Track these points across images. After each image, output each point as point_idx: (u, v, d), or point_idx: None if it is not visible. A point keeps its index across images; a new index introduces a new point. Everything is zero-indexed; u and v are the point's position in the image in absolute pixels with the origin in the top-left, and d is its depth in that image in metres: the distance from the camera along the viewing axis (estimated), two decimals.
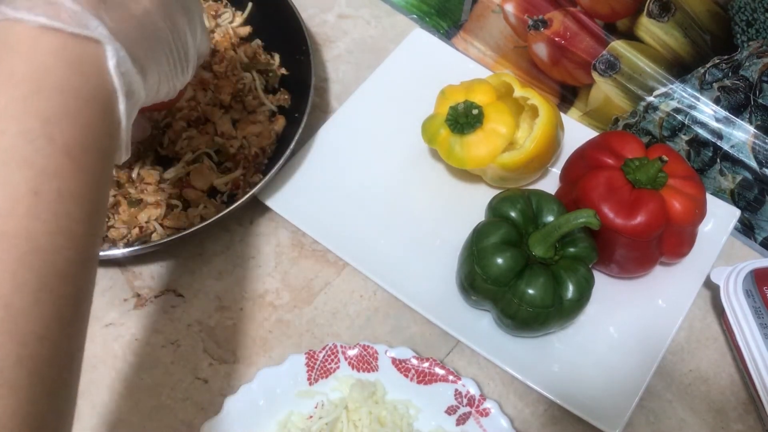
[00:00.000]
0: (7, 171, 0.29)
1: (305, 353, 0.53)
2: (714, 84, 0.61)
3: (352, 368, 0.54)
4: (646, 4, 0.60)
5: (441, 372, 0.53)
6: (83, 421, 0.53)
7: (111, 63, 0.33)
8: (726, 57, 0.59)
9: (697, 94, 0.62)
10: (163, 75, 0.39)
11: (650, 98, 0.64)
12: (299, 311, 0.58)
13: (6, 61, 0.30)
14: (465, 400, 0.52)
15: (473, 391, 0.52)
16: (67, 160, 0.30)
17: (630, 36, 0.63)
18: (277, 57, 0.67)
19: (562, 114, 0.63)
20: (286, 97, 0.65)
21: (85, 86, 0.32)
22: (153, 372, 0.55)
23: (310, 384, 0.53)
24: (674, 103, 0.63)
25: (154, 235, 0.58)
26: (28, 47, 0.31)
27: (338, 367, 0.54)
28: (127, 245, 0.57)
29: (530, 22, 0.67)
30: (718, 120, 0.62)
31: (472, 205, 0.60)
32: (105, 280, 0.58)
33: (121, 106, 0.34)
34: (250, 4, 0.69)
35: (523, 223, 0.53)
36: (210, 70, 0.64)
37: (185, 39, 0.40)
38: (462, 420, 0.52)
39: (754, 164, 0.61)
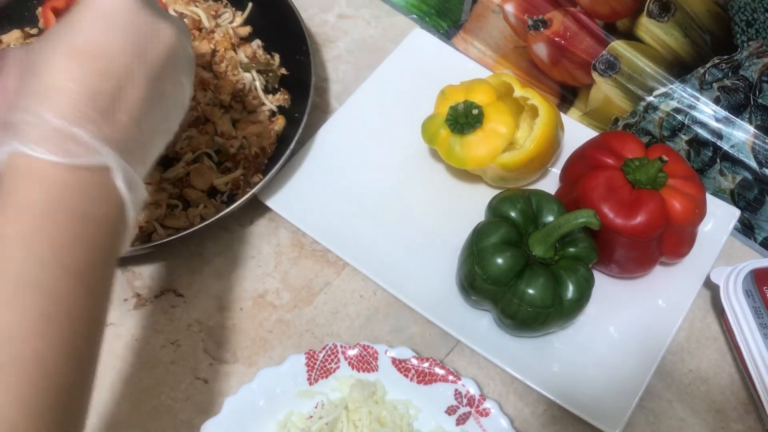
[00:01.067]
0: (20, 296, 0.30)
1: (305, 353, 0.53)
2: (714, 84, 0.61)
3: (352, 368, 0.54)
4: (646, 4, 0.60)
5: (441, 372, 0.53)
6: None
7: (120, 182, 0.35)
8: (726, 57, 0.59)
9: (697, 94, 0.62)
10: (162, 145, 0.40)
11: (650, 98, 0.64)
12: (299, 311, 0.58)
13: (19, 191, 0.32)
14: (465, 400, 0.52)
15: (473, 391, 0.52)
16: (77, 283, 0.32)
17: (630, 36, 0.63)
18: (277, 57, 0.67)
19: (562, 114, 0.63)
20: (286, 97, 0.65)
21: (95, 209, 0.34)
22: (153, 372, 0.55)
23: (310, 384, 0.53)
24: (674, 103, 0.63)
25: (154, 235, 0.58)
26: (39, 177, 0.32)
27: (338, 367, 0.54)
28: None
29: (530, 22, 0.67)
30: (718, 120, 0.62)
31: (472, 205, 0.60)
32: None
33: (130, 213, 0.36)
34: (250, 4, 0.69)
35: (523, 223, 0.53)
36: (210, 70, 0.64)
37: (180, 102, 0.41)
38: (462, 420, 0.52)
39: (754, 164, 0.62)
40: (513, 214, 0.53)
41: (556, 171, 0.62)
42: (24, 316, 0.30)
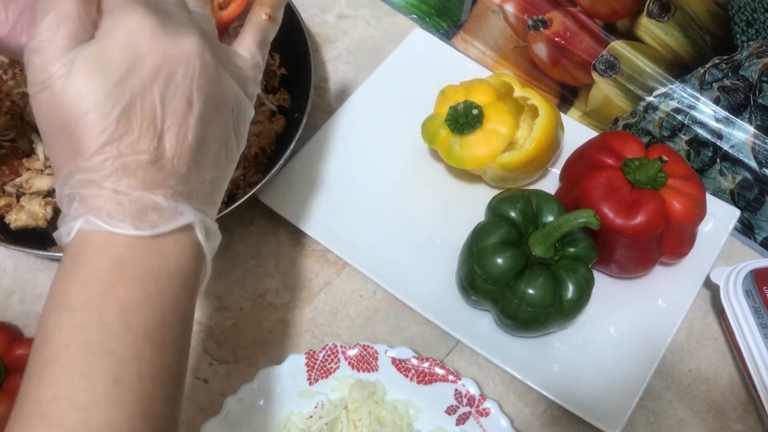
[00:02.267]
0: (89, 363, 0.30)
1: (305, 353, 0.53)
2: (714, 84, 0.61)
3: (352, 368, 0.54)
4: (646, 4, 0.60)
5: (441, 372, 0.53)
6: None
7: (200, 236, 0.34)
8: (726, 57, 0.59)
9: (697, 94, 0.62)
10: (229, 174, 0.39)
11: (650, 98, 0.64)
12: (299, 311, 0.58)
13: (88, 258, 0.32)
14: (465, 400, 0.52)
15: (473, 391, 0.52)
16: (147, 343, 0.32)
17: (630, 36, 0.63)
18: (277, 57, 0.67)
19: (562, 114, 0.63)
20: (286, 97, 0.65)
21: (167, 266, 0.33)
22: None
23: (310, 384, 0.53)
24: (674, 103, 0.63)
25: None
26: (108, 246, 0.32)
27: (338, 367, 0.54)
28: None
29: (530, 22, 0.67)
30: (718, 120, 0.62)
31: (472, 205, 0.60)
32: None
33: (209, 260, 0.36)
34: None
35: (523, 223, 0.53)
36: None
37: (242, 140, 0.40)
38: (462, 420, 0.52)
39: (753, 164, 0.62)
40: (513, 214, 0.53)
41: (556, 171, 0.62)
42: (95, 383, 0.30)
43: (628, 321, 0.57)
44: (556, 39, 0.66)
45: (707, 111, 0.62)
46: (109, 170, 0.32)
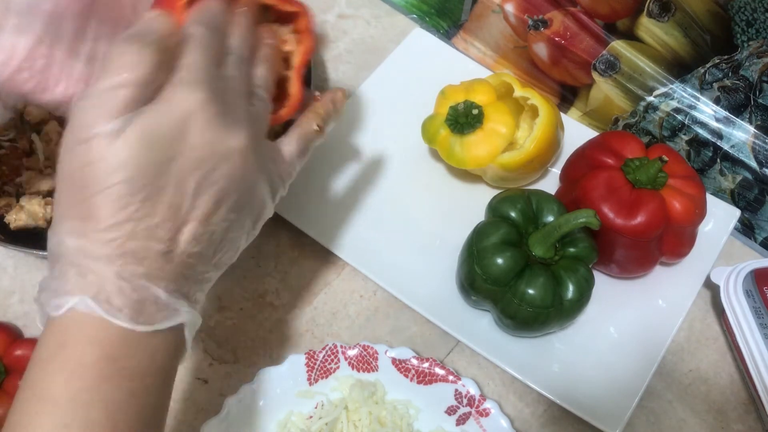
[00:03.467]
0: None
1: (305, 353, 0.53)
2: (714, 84, 0.61)
3: (352, 368, 0.54)
4: (646, 4, 0.60)
5: (441, 372, 0.53)
6: None
7: (188, 335, 0.34)
8: (726, 57, 0.59)
9: (697, 94, 0.62)
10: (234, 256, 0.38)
11: (650, 98, 0.64)
12: (299, 311, 0.58)
13: (78, 346, 0.30)
14: (465, 401, 0.52)
15: (473, 391, 0.52)
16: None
17: (630, 36, 0.63)
18: None
19: (562, 114, 0.63)
20: None
21: (154, 364, 0.32)
22: None
23: (310, 384, 0.53)
24: (674, 103, 0.63)
25: None
26: (100, 336, 0.30)
27: (338, 367, 0.53)
28: None
29: (530, 22, 0.67)
30: (718, 120, 0.62)
31: (472, 205, 0.60)
32: None
33: (188, 347, 0.35)
34: None
35: (523, 223, 0.53)
36: None
37: (251, 238, 0.39)
38: (462, 420, 0.52)
39: (754, 164, 0.62)
40: (513, 214, 0.53)
41: (556, 171, 0.62)
42: None
43: (629, 321, 0.57)
44: (557, 39, 0.66)
45: (707, 111, 0.62)
46: (118, 251, 0.30)
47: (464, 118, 0.57)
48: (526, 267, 0.51)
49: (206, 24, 0.35)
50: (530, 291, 0.50)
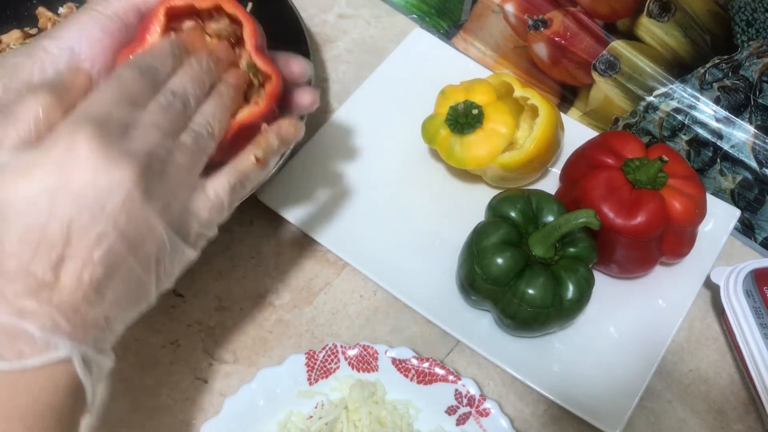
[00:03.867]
0: None
1: (305, 353, 0.53)
2: (714, 84, 0.61)
3: (352, 368, 0.54)
4: (646, 4, 0.60)
5: (441, 372, 0.53)
6: None
7: (79, 370, 0.32)
8: (726, 57, 0.59)
9: (697, 94, 0.62)
10: (135, 312, 0.36)
11: (650, 98, 0.64)
12: (299, 311, 0.58)
13: None
14: (465, 400, 0.52)
15: (473, 391, 0.52)
16: None
17: (630, 36, 0.63)
18: None
19: (562, 114, 0.63)
20: None
21: (37, 404, 0.30)
22: (153, 372, 0.55)
23: (310, 384, 0.53)
24: (674, 103, 0.63)
25: None
26: None
27: (338, 367, 0.53)
28: None
29: (530, 22, 0.67)
30: (718, 120, 0.62)
31: (472, 205, 0.60)
32: None
33: (89, 393, 0.33)
34: (249, 4, 0.68)
35: (523, 223, 0.53)
36: None
37: (167, 281, 0.37)
38: (462, 420, 0.52)
39: (754, 164, 0.62)
40: (513, 214, 0.53)
41: (556, 171, 0.62)
42: None
43: (629, 321, 0.57)
44: (557, 39, 0.66)
45: (707, 111, 0.62)
46: None
47: (464, 118, 0.57)
48: (526, 267, 0.51)
49: (136, 64, 0.35)
50: (530, 291, 0.50)
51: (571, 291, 0.51)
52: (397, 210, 0.61)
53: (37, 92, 0.33)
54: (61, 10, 0.66)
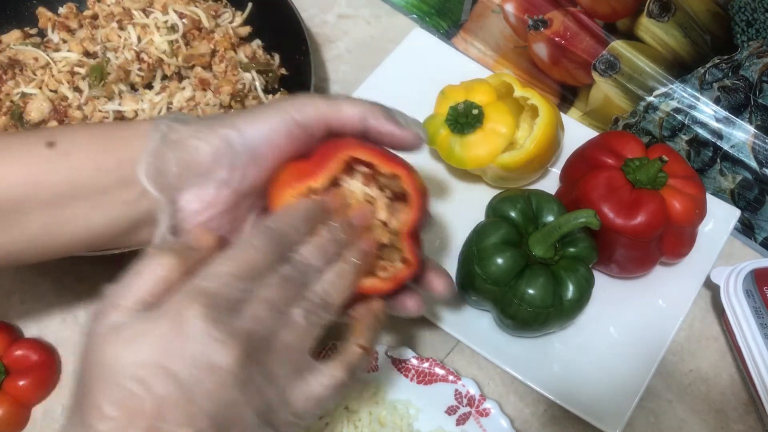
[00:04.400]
0: None
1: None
2: (714, 84, 0.61)
3: None
4: (646, 4, 0.60)
5: (441, 372, 0.53)
6: None
7: None
8: (726, 57, 0.59)
9: (697, 94, 0.62)
10: None
11: (650, 98, 0.64)
12: None
13: None
14: (465, 400, 0.52)
15: (473, 391, 0.52)
16: None
17: (630, 36, 0.63)
18: (277, 57, 0.67)
19: (562, 114, 0.63)
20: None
21: None
22: None
23: None
24: (674, 103, 0.63)
25: None
26: None
27: None
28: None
29: (530, 22, 0.67)
30: (718, 120, 0.62)
31: (472, 205, 0.60)
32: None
33: None
34: (250, 4, 0.69)
35: (523, 223, 0.53)
36: (210, 70, 0.63)
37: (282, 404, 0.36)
38: (462, 420, 0.52)
39: (754, 164, 0.62)
40: (513, 214, 0.53)
41: (556, 171, 0.62)
42: None
43: (629, 321, 0.57)
44: (557, 39, 0.66)
45: (707, 111, 0.62)
46: None
47: (464, 118, 0.57)
48: (526, 267, 0.51)
49: (269, 231, 0.36)
50: (530, 291, 0.50)
51: (571, 291, 0.51)
52: None
53: (163, 253, 0.34)
54: (61, 10, 0.66)
